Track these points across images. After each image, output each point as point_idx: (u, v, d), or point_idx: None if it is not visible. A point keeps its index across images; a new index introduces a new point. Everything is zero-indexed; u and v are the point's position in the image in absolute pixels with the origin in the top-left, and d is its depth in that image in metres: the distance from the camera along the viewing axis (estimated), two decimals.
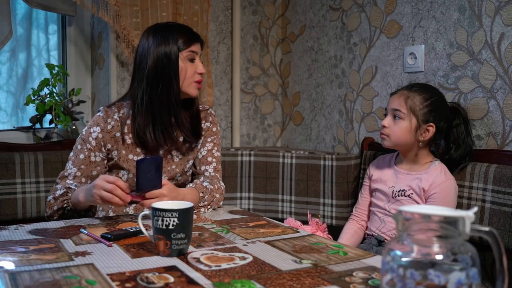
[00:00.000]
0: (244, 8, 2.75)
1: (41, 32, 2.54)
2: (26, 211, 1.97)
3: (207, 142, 1.81)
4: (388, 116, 1.80)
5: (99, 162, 1.68)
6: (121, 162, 1.69)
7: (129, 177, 1.70)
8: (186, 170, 1.79)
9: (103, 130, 1.67)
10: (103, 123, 1.67)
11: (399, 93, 1.79)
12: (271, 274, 1.05)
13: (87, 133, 1.68)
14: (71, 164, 1.67)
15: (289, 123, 2.82)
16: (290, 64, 2.79)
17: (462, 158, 1.81)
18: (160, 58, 1.64)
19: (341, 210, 2.22)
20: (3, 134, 2.35)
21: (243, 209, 1.87)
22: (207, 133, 1.82)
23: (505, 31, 1.80)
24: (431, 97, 1.76)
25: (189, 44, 1.67)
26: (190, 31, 1.71)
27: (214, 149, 1.81)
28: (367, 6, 2.33)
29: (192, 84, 1.69)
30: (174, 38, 1.65)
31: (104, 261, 1.12)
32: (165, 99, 1.64)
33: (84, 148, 1.67)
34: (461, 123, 1.82)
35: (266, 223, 1.51)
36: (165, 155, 1.74)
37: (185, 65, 1.67)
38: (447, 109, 1.81)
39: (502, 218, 1.67)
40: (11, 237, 1.31)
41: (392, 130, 1.78)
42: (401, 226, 0.81)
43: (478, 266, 0.78)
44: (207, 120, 1.82)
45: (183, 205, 1.18)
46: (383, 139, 1.81)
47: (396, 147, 1.81)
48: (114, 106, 1.72)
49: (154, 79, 1.64)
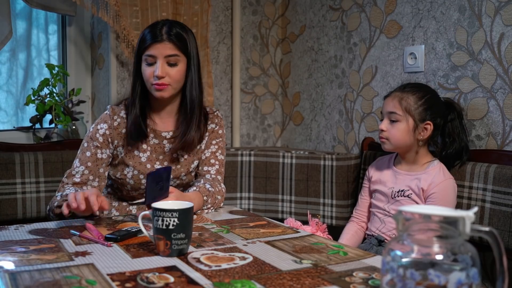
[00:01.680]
0: (244, 8, 2.75)
1: (41, 32, 2.54)
2: (26, 211, 1.97)
3: (211, 144, 1.81)
4: (385, 120, 1.80)
5: (106, 159, 1.69)
6: (127, 158, 1.70)
7: (134, 174, 1.70)
8: (191, 171, 1.79)
9: (110, 127, 1.70)
10: (110, 120, 1.71)
11: (393, 95, 1.80)
12: (271, 274, 1.05)
13: (94, 131, 1.70)
14: (78, 162, 1.68)
15: (289, 123, 2.82)
16: (290, 64, 2.79)
17: (458, 153, 1.81)
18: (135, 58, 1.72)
19: (341, 210, 2.22)
20: (3, 134, 2.35)
21: (243, 209, 1.87)
22: (212, 135, 1.81)
23: (505, 31, 1.80)
24: (425, 95, 1.77)
25: (144, 47, 1.67)
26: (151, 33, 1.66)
27: (218, 151, 1.81)
28: (367, 6, 2.33)
29: (152, 86, 1.68)
30: (139, 39, 1.70)
31: (104, 261, 1.12)
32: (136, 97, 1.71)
33: (91, 146, 1.68)
34: (456, 117, 1.83)
35: (266, 223, 1.51)
36: (170, 155, 1.75)
37: (143, 67, 1.69)
38: (442, 104, 1.82)
39: (502, 218, 1.67)
40: (11, 237, 1.31)
41: (390, 133, 1.78)
42: (401, 226, 0.81)
43: (478, 266, 0.78)
44: (213, 121, 1.82)
45: (183, 205, 1.18)
46: (383, 143, 1.82)
47: (396, 149, 1.81)
48: (121, 104, 1.76)
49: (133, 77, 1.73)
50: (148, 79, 1.68)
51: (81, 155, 1.69)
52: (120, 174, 1.72)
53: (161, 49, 1.65)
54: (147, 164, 1.72)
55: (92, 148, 1.68)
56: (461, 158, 1.82)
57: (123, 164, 1.71)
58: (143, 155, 1.72)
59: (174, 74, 1.66)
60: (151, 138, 1.73)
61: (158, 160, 1.74)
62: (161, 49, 1.65)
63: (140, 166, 1.71)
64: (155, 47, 1.65)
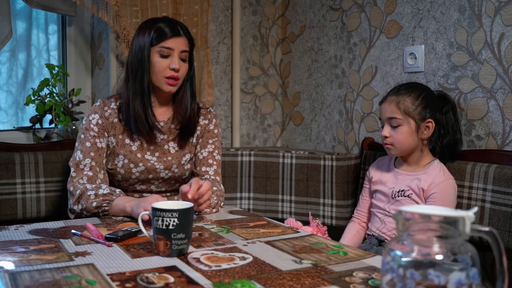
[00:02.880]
0: (244, 8, 2.75)
1: (41, 32, 2.54)
2: (26, 211, 1.97)
3: (208, 143, 1.81)
4: (386, 126, 1.79)
5: (105, 148, 1.72)
6: (118, 147, 1.72)
7: (124, 163, 1.72)
8: (183, 163, 1.79)
9: (102, 116, 1.72)
10: (100, 110, 1.73)
11: (388, 100, 1.78)
12: (271, 274, 1.05)
13: (87, 122, 1.72)
14: (80, 154, 1.68)
15: (289, 123, 2.82)
16: (290, 64, 2.79)
17: (452, 145, 1.81)
18: (136, 51, 1.71)
19: (341, 210, 2.22)
20: (3, 134, 2.35)
21: (243, 209, 1.87)
22: (209, 134, 1.82)
23: (505, 31, 1.80)
24: (420, 94, 1.77)
25: (161, 39, 1.68)
26: (169, 26, 1.70)
27: (215, 151, 1.82)
28: (367, 6, 2.33)
29: (163, 79, 1.70)
30: (150, 31, 1.69)
31: (104, 261, 1.12)
32: (138, 92, 1.70)
33: (88, 136, 1.69)
34: (450, 109, 1.83)
35: (266, 223, 1.51)
36: (161, 146, 1.76)
37: (155, 60, 1.69)
38: (437, 99, 1.82)
39: (502, 218, 1.67)
40: (11, 237, 1.31)
41: (394, 138, 1.77)
42: (401, 226, 0.81)
43: (478, 266, 0.78)
44: (206, 117, 1.83)
45: (183, 205, 1.18)
46: (389, 149, 1.80)
47: (403, 153, 1.80)
48: (112, 98, 1.79)
49: (131, 72, 1.72)
50: (161, 71, 1.69)
51: (81, 147, 1.68)
52: (111, 164, 1.74)
53: (179, 44, 1.70)
54: (137, 154, 1.73)
55: (90, 138, 1.69)
56: (456, 149, 1.82)
57: (114, 154, 1.73)
58: (134, 144, 1.74)
59: (184, 70, 1.72)
60: None
61: (149, 151, 1.75)
62: (179, 43, 1.70)
63: (131, 154, 1.73)
64: (174, 40, 1.69)
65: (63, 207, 2.03)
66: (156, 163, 1.76)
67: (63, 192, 2.03)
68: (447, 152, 1.82)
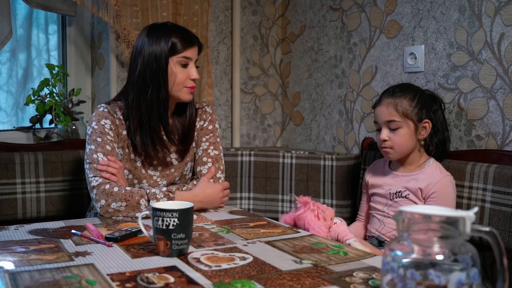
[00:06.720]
0: (244, 8, 2.75)
1: (41, 32, 2.54)
2: (26, 211, 1.97)
3: (202, 141, 1.78)
4: (384, 129, 1.76)
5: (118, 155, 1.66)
6: (123, 161, 1.67)
7: (129, 178, 1.70)
8: (185, 174, 1.78)
9: (113, 122, 1.65)
10: (111, 117, 1.65)
11: (385, 103, 1.76)
12: (271, 274, 1.05)
13: (101, 126, 1.63)
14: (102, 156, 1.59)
15: (289, 123, 2.82)
16: (290, 64, 2.79)
17: (442, 143, 1.82)
18: (150, 60, 1.61)
19: (341, 210, 2.22)
20: (3, 134, 2.35)
21: (243, 209, 1.87)
22: (202, 132, 1.79)
23: (505, 31, 1.80)
24: (415, 94, 1.77)
25: (182, 49, 1.63)
26: (186, 35, 1.66)
27: (210, 148, 1.77)
28: (367, 6, 2.33)
29: (183, 89, 1.65)
30: (167, 41, 1.61)
31: (104, 261, 1.12)
32: (154, 103, 1.62)
33: (107, 140, 1.62)
34: (439, 108, 1.84)
35: (266, 223, 1.51)
36: (164, 159, 1.73)
37: (176, 70, 1.63)
38: (429, 98, 1.83)
39: (502, 218, 1.67)
40: (11, 237, 1.31)
41: (394, 141, 1.75)
42: (401, 226, 0.81)
43: (478, 266, 0.78)
44: (201, 118, 1.80)
45: (183, 205, 1.18)
46: (387, 153, 1.77)
47: (402, 156, 1.79)
48: (115, 106, 1.70)
49: (144, 82, 1.62)
50: (183, 81, 1.64)
51: (101, 149, 1.60)
52: None
53: (194, 53, 1.67)
54: (142, 170, 1.70)
55: (109, 142, 1.61)
56: (445, 148, 1.84)
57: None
58: (138, 160, 1.70)
59: (198, 77, 1.68)
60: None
61: (152, 165, 1.72)
62: (194, 52, 1.68)
63: (136, 171, 1.69)
64: (192, 50, 1.66)
65: (63, 207, 2.03)
66: (158, 178, 1.73)
67: (63, 192, 2.03)
68: (440, 150, 1.83)
